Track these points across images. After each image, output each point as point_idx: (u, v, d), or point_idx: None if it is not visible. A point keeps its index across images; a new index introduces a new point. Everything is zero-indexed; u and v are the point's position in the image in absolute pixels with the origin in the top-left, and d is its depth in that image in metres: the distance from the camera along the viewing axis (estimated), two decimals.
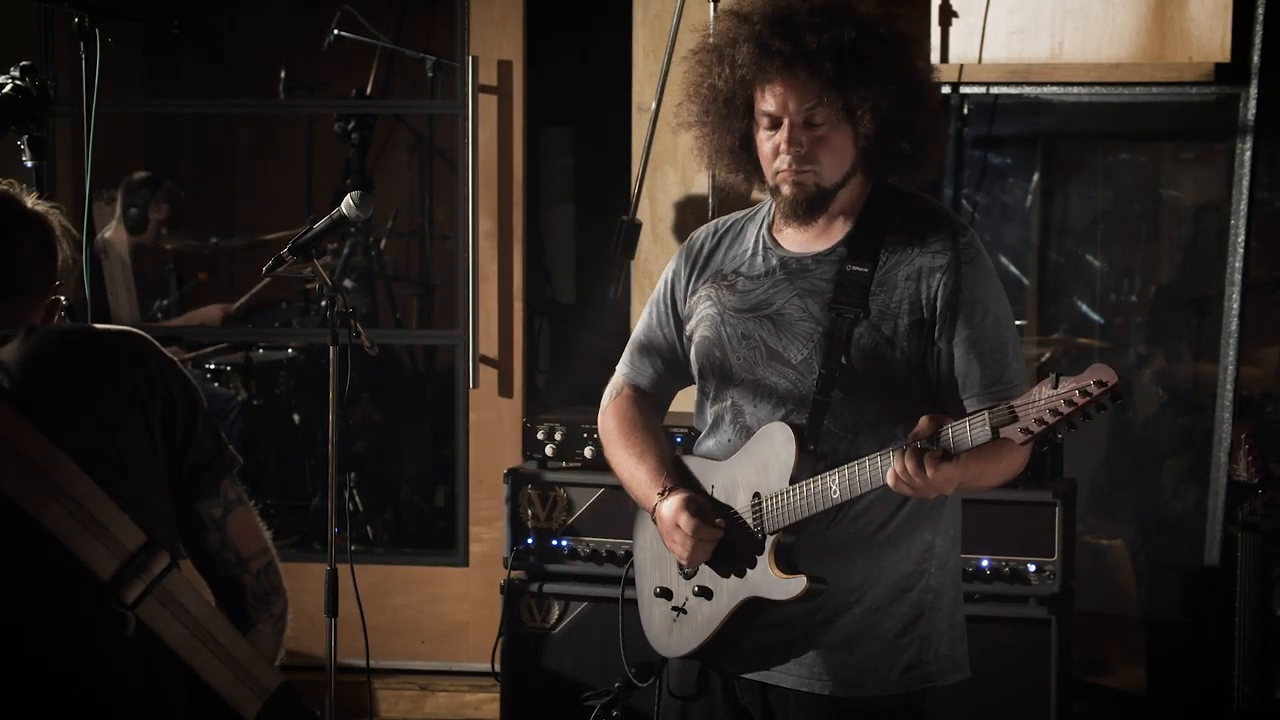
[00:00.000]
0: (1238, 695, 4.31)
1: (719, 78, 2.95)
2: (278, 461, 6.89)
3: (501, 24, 5.40)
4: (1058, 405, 2.58)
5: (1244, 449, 4.39)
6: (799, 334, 2.96)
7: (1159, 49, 5.06)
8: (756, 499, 2.94)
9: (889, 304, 2.92)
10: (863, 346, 2.91)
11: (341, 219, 3.78)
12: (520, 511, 4.60)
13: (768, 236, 3.06)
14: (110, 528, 2.39)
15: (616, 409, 3.20)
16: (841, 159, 2.94)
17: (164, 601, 2.42)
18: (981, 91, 5.32)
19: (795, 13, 2.88)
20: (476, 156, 5.41)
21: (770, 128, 2.93)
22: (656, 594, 3.12)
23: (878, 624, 2.96)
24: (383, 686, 5.40)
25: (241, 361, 6.79)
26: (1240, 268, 5.01)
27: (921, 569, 2.99)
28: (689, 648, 3.06)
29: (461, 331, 5.49)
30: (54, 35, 5.46)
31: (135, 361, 2.49)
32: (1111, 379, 2.56)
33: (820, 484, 2.85)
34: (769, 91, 2.91)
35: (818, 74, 2.86)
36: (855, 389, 2.92)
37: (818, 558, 2.93)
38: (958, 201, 5.68)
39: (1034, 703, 4.26)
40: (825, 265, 2.98)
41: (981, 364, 2.91)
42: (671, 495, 3.01)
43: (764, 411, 2.98)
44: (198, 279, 7.46)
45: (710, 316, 3.05)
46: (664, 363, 3.18)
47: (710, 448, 3.08)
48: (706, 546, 2.96)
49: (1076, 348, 6.07)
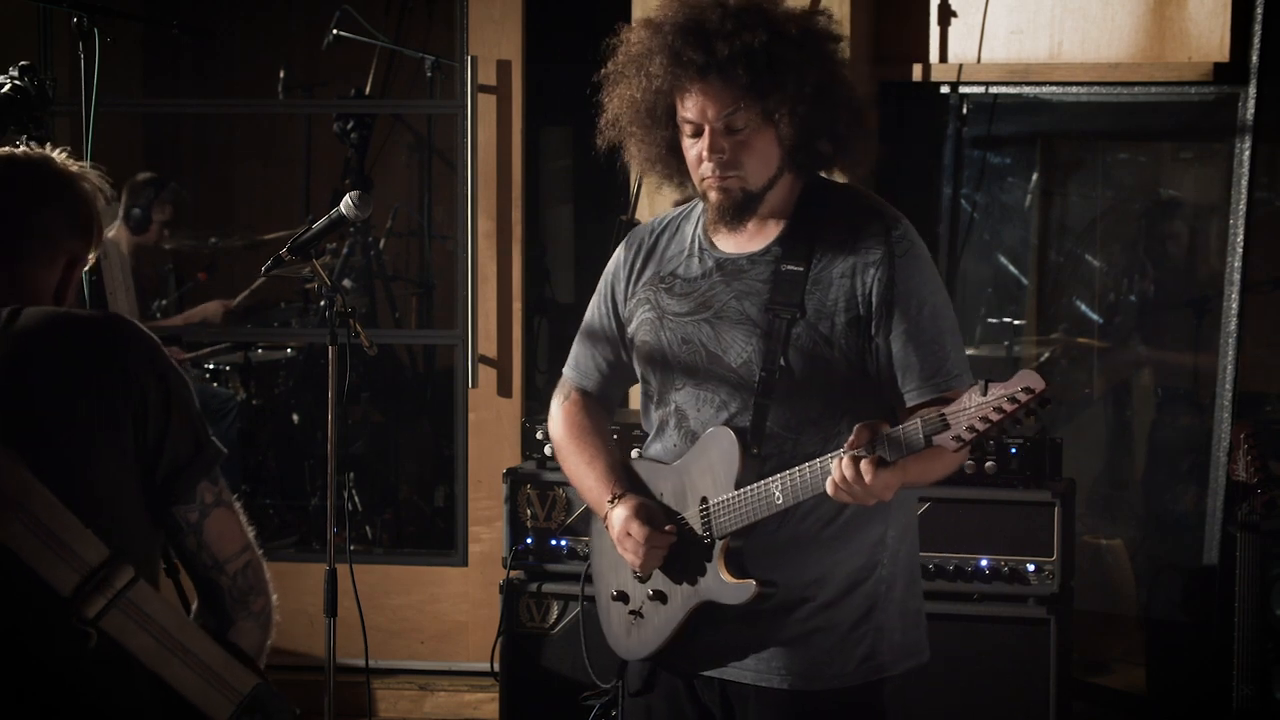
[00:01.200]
0: (1237, 695, 4.31)
1: (638, 89, 2.95)
2: (277, 461, 6.89)
3: (500, 24, 5.39)
4: (987, 413, 2.62)
5: (1243, 449, 4.39)
6: (738, 336, 2.98)
7: (1158, 49, 5.06)
8: (704, 504, 2.97)
9: (825, 302, 2.94)
10: (801, 346, 2.93)
11: (340, 219, 3.78)
12: (519, 511, 4.60)
13: (703, 237, 3.07)
14: (71, 544, 2.36)
15: (565, 414, 3.22)
16: (766, 161, 2.94)
17: (128, 613, 2.39)
18: (980, 91, 5.32)
19: (706, 20, 2.88)
20: (475, 156, 5.41)
21: (693, 135, 2.94)
22: (614, 597, 3.14)
23: (832, 617, 2.98)
24: (382, 686, 5.40)
25: (241, 361, 6.79)
26: (1239, 267, 5.01)
27: (874, 561, 3.01)
28: (648, 650, 3.09)
29: (461, 331, 5.49)
30: (53, 35, 5.46)
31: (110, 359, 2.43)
32: (1039, 385, 2.60)
33: (764, 489, 2.88)
34: (687, 100, 2.92)
35: (732, 81, 2.87)
36: (796, 389, 2.94)
37: (770, 557, 2.96)
38: (956, 201, 5.68)
39: (1033, 703, 4.26)
40: (760, 266, 2.99)
41: (920, 357, 2.92)
42: (622, 502, 3.03)
43: (707, 414, 3.00)
44: (197, 279, 7.45)
45: (649, 320, 3.07)
46: (609, 365, 3.20)
47: (657, 451, 3.11)
48: (658, 553, 2.99)
49: (1076, 347, 6.07)
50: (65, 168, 2.57)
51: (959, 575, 4.32)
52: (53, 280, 2.56)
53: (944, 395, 2.89)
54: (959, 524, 4.32)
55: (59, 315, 2.47)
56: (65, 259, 2.57)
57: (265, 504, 6.53)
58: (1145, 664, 5.17)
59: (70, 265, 2.58)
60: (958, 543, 4.33)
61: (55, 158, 2.58)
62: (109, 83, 4.20)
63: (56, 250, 2.55)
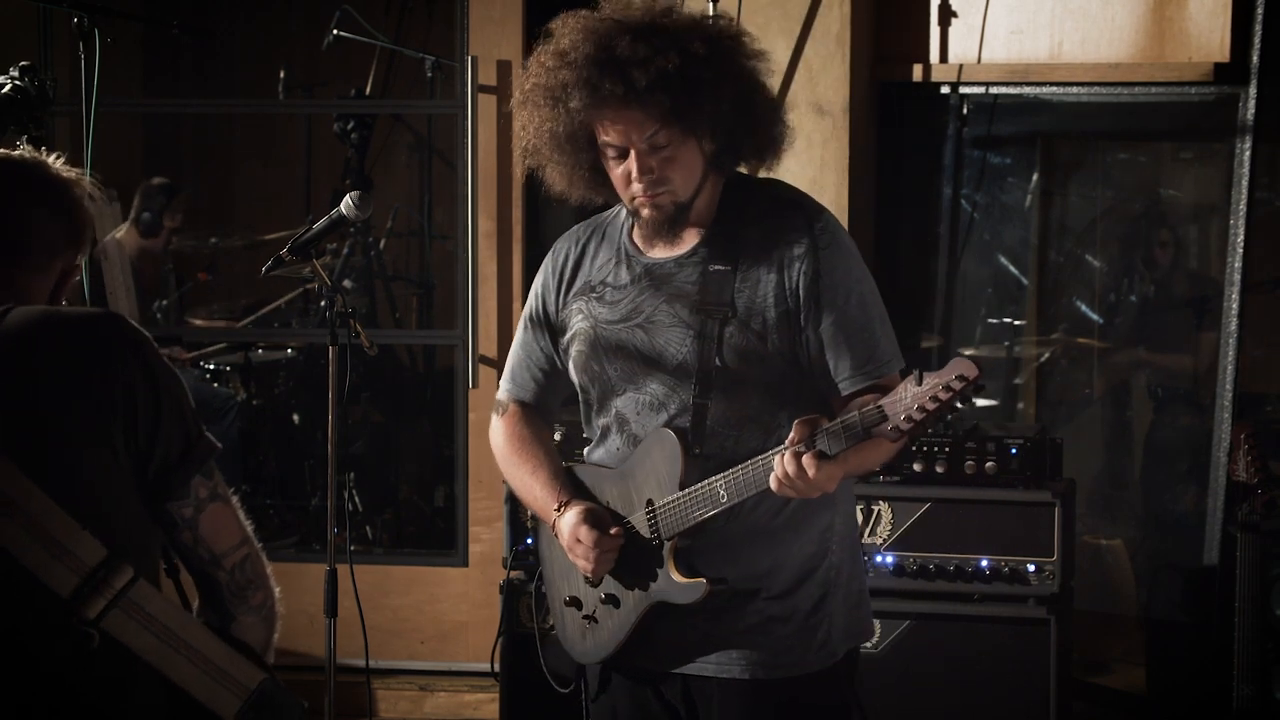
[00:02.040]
0: (1237, 695, 4.31)
1: (555, 120, 2.96)
2: (277, 461, 6.89)
3: (501, 24, 5.39)
4: (923, 402, 2.64)
5: (1243, 449, 4.39)
6: (671, 339, 3.00)
7: (1158, 49, 5.06)
8: (650, 506, 2.99)
9: (754, 300, 2.96)
10: (734, 345, 2.95)
11: (341, 219, 3.78)
12: (520, 512, 4.60)
13: (629, 244, 3.09)
14: (69, 545, 2.35)
15: (505, 427, 3.23)
16: (692, 172, 2.97)
17: (130, 613, 2.39)
18: (981, 91, 5.32)
19: (617, 48, 2.88)
20: (476, 156, 5.41)
21: (617, 157, 2.96)
22: (567, 603, 3.16)
23: (789, 606, 3.01)
24: (382, 686, 5.40)
25: (241, 362, 6.79)
26: (1240, 267, 5.01)
27: (824, 549, 3.04)
28: (604, 654, 3.11)
29: (461, 331, 5.49)
30: (53, 35, 5.46)
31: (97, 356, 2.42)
32: (972, 373, 2.62)
33: (709, 488, 2.90)
34: (609, 127, 2.93)
35: (652, 108, 2.88)
36: (732, 387, 2.96)
37: (722, 550, 2.98)
38: (956, 201, 5.68)
39: (1033, 703, 4.26)
40: (688, 268, 3.01)
41: (850, 346, 2.95)
42: (569, 509, 3.05)
43: (647, 418, 3.02)
44: (197, 279, 7.46)
45: (584, 330, 3.09)
46: (545, 375, 3.22)
47: (600, 456, 3.12)
48: (609, 557, 3.01)
49: (1076, 348, 6.07)
50: (60, 173, 2.56)
51: (959, 575, 4.32)
52: (47, 286, 2.55)
53: (877, 382, 2.93)
54: (959, 524, 4.32)
55: (48, 314, 2.46)
56: (60, 266, 2.56)
57: (265, 504, 6.53)
58: (1145, 664, 5.17)
59: (65, 273, 2.57)
60: (958, 543, 4.33)
61: (51, 163, 2.57)
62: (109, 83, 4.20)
63: (53, 257, 2.54)
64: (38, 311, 2.46)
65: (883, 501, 4.35)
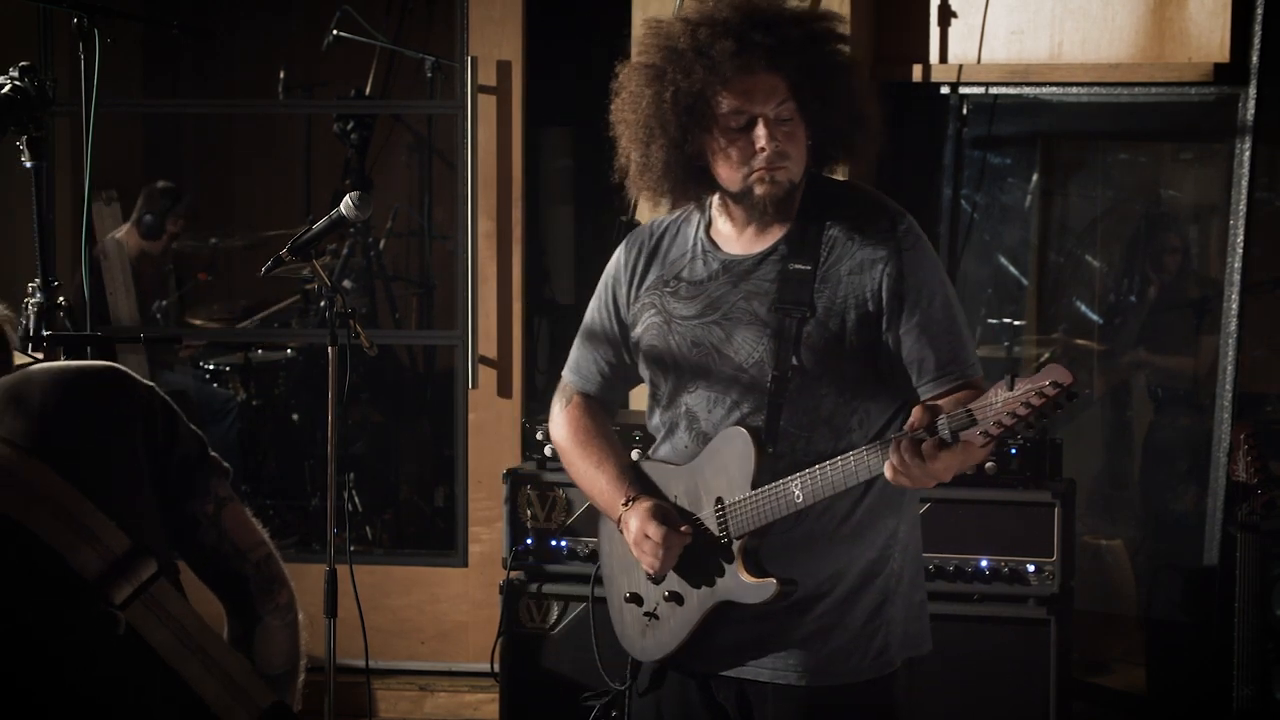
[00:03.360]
0: (1237, 696, 4.31)
1: (683, 85, 2.89)
2: (277, 462, 6.89)
3: (500, 24, 5.40)
4: (1015, 408, 2.61)
5: (1243, 449, 4.39)
6: (748, 337, 2.97)
7: (1158, 49, 5.06)
8: (720, 504, 2.97)
9: (834, 300, 2.94)
10: (812, 345, 2.93)
11: (341, 219, 3.78)
12: (519, 512, 4.60)
13: (705, 239, 3.07)
14: (97, 532, 2.38)
15: (569, 418, 3.21)
16: (801, 157, 2.96)
17: (150, 607, 2.41)
18: (980, 92, 5.32)
19: (759, 8, 2.90)
20: (475, 157, 5.41)
21: (741, 129, 2.91)
22: (627, 599, 3.14)
23: (847, 613, 2.99)
24: (382, 687, 5.40)
25: (240, 362, 6.79)
26: (1239, 268, 5.01)
27: (886, 555, 3.02)
28: (664, 651, 3.09)
29: (461, 332, 5.49)
30: (53, 35, 5.46)
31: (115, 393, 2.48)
32: (1066, 379, 2.59)
33: (784, 489, 2.87)
34: (742, 89, 2.88)
35: (798, 68, 2.88)
36: (807, 388, 2.94)
37: (786, 555, 2.96)
38: (956, 202, 5.68)
39: (1033, 703, 4.27)
40: (767, 265, 2.99)
41: (934, 348, 2.92)
42: (637, 504, 3.03)
43: (719, 416, 3.00)
44: (197, 279, 7.46)
45: (656, 325, 3.07)
46: (611, 367, 3.20)
47: (666, 453, 3.10)
48: (675, 554, 2.99)
49: (1075, 348, 6.07)
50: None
51: (959, 575, 4.32)
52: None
53: (960, 384, 2.90)
54: (959, 524, 4.32)
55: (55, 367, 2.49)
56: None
57: (265, 504, 6.53)
58: (1145, 664, 5.17)
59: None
60: (958, 543, 4.33)
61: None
62: (109, 83, 4.20)
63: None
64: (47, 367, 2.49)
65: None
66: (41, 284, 3.94)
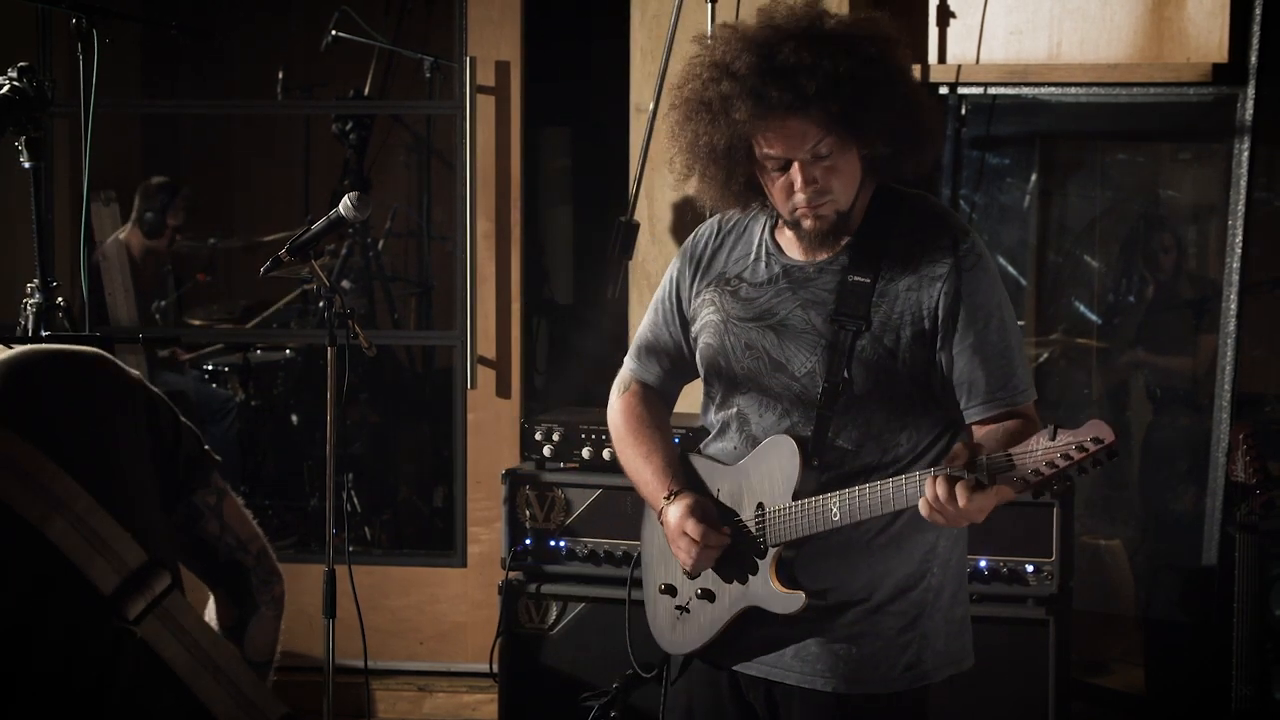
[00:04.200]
0: (1236, 696, 4.31)
1: (716, 134, 2.88)
2: (276, 462, 6.89)
3: (499, 24, 5.40)
4: (1054, 459, 2.61)
5: (1242, 449, 4.39)
6: (803, 345, 2.95)
7: (1157, 49, 5.06)
8: (760, 509, 2.96)
9: (891, 315, 2.91)
10: (865, 359, 2.91)
11: (339, 219, 3.78)
12: (518, 512, 4.60)
13: (770, 241, 3.04)
14: (112, 544, 2.38)
15: (625, 405, 3.20)
16: (852, 180, 2.92)
17: (164, 621, 2.41)
18: (979, 92, 5.32)
19: (778, 55, 2.81)
20: (474, 157, 5.41)
21: (779, 169, 2.89)
22: (661, 590, 3.14)
23: (880, 622, 2.97)
24: (381, 687, 5.40)
25: (239, 362, 6.79)
26: (1238, 268, 5.00)
27: (924, 569, 3.00)
28: (691, 647, 3.09)
29: (459, 332, 5.49)
30: (52, 36, 5.46)
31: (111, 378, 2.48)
32: (1109, 437, 2.59)
33: (822, 505, 2.87)
34: (771, 139, 2.86)
35: (821, 115, 2.82)
36: (858, 402, 2.92)
37: (822, 560, 2.95)
38: (956, 202, 5.69)
39: (1032, 703, 4.26)
40: (827, 275, 2.96)
41: (986, 371, 2.90)
42: (678, 499, 3.02)
43: (769, 421, 2.99)
44: (196, 280, 7.46)
45: (714, 323, 3.05)
46: (670, 360, 3.18)
47: (717, 450, 3.09)
48: (711, 553, 2.98)
49: (1074, 348, 6.07)
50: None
51: None
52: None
53: (1010, 410, 2.88)
54: None
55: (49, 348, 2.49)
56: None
57: (264, 505, 6.53)
58: (1144, 664, 5.17)
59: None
60: None
61: None
62: (108, 84, 4.20)
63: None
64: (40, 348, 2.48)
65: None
66: (40, 285, 3.94)
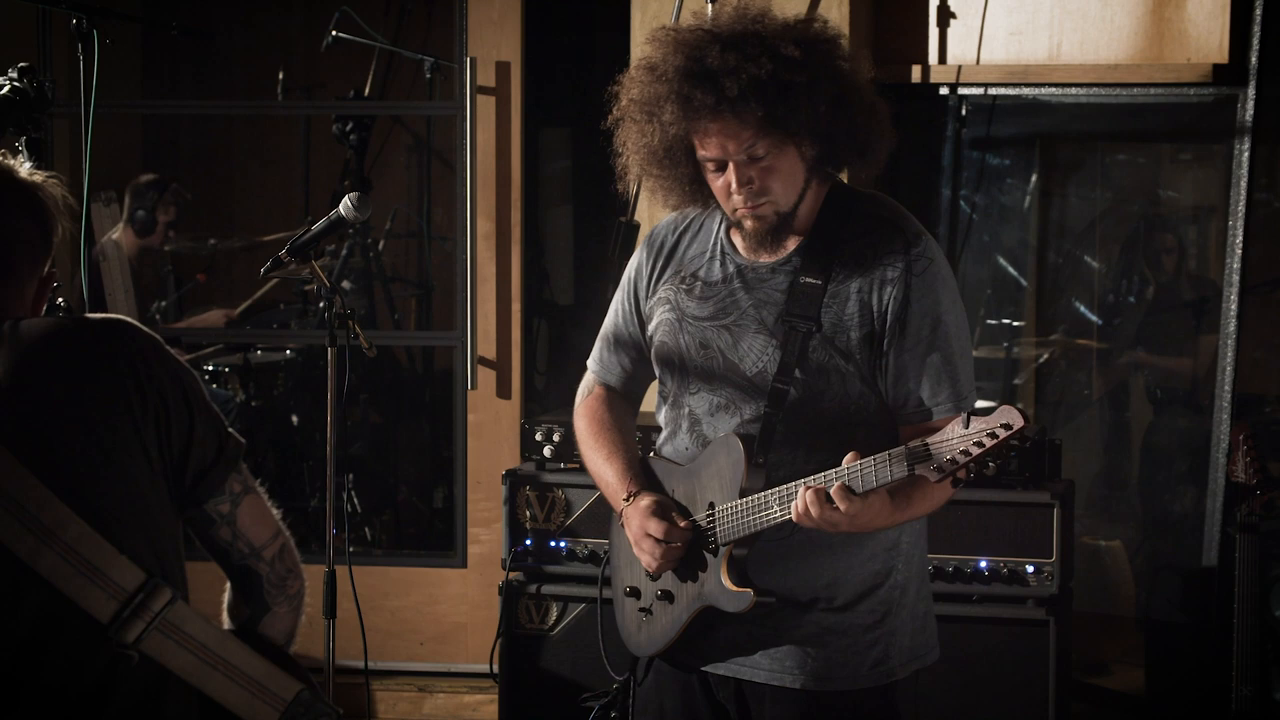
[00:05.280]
0: (1236, 696, 4.31)
1: (653, 135, 2.92)
2: (276, 463, 6.89)
3: (499, 25, 5.40)
4: (967, 446, 2.66)
5: (1242, 450, 4.39)
6: (755, 344, 2.98)
7: (1157, 50, 5.06)
8: (711, 509, 2.98)
9: (842, 317, 2.94)
10: (815, 360, 2.93)
11: (339, 220, 3.78)
12: (518, 513, 4.60)
13: (725, 240, 3.07)
14: (107, 571, 2.35)
15: (588, 409, 3.23)
16: (793, 180, 2.93)
17: (168, 633, 2.39)
18: (979, 92, 5.32)
19: (707, 59, 2.84)
20: (474, 158, 5.41)
21: (716, 170, 2.93)
22: (627, 593, 3.16)
23: (847, 620, 2.99)
24: (381, 688, 5.40)
25: (240, 363, 6.79)
26: (1238, 269, 5.01)
27: (889, 567, 3.02)
28: (655, 648, 3.11)
29: (460, 333, 5.49)
30: (52, 36, 5.46)
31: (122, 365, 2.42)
32: (1018, 422, 2.64)
33: (763, 501, 2.89)
34: (705, 139, 2.90)
35: (747, 117, 2.85)
36: (807, 401, 2.94)
37: (782, 561, 2.97)
38: (955, 202, 5.69)
39: (1032, 704, 4.26)
40: (780, 275, 2.99)
41: (928, 376, 2.93)
42: (638, 500, 3.04)
43: (719, 421, 3.01)
44: (196, 280, 7.45)
45: (669, 321, 3.07)
46: (632, 360, 3.21)
47: (670, 452, 3.11)
48: (673, 553, 3.00)
49: (1075, 349, 6.07)
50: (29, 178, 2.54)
51: (958, 576, 4.32)
52: (31, 296, 2.53)
53: (948, 417, 2.88)
54: (958, 525, 4.32)
55: (63, 323, 2.46)
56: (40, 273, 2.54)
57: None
58: (1144, 665, 5.17)
59: (44, 281, 2.55)
60: (957, 544, 4.32)
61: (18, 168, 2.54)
62: (108, 84, 4.20)
63: (35, 264, 2.52)
64: (50, 322, 2.45)
65: None
66: None
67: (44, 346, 2.41)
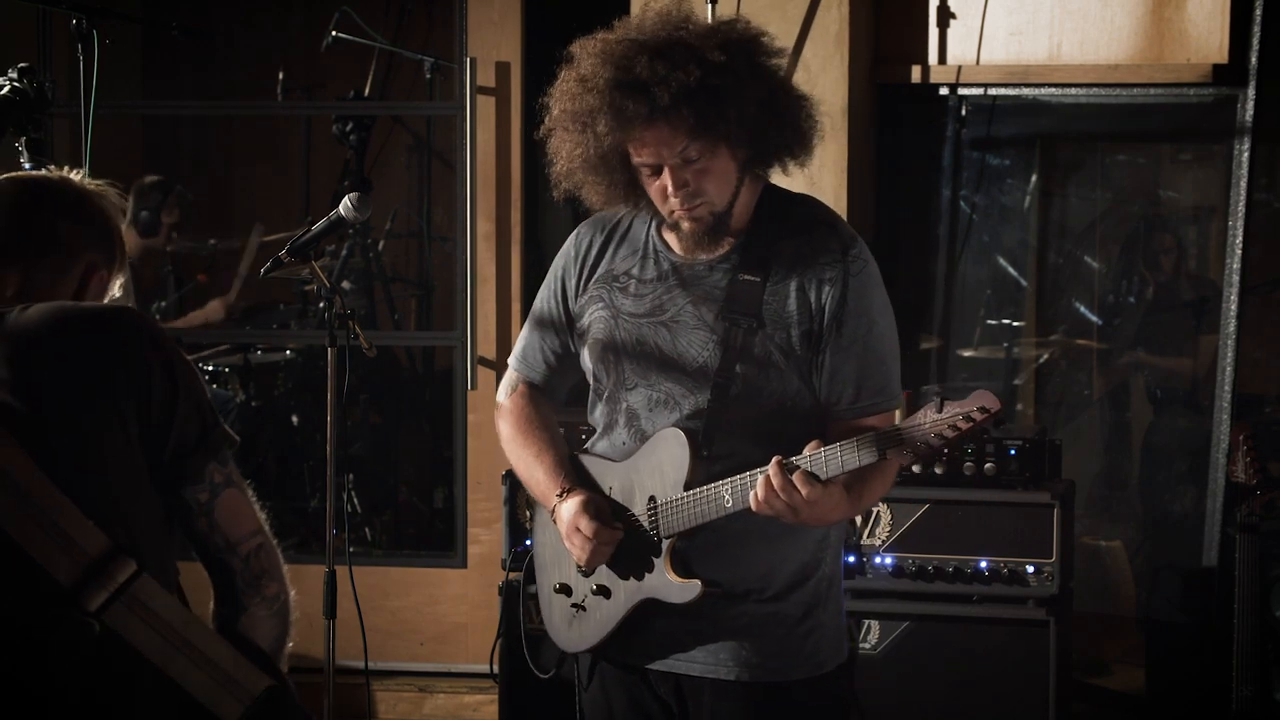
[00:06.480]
0: (1236, 696, 4.31)
1: (587, 145, 2.96)
2: (276, 463, 6.89)
3: (500, 25, 5.40)
4: (942, 430, 2.72)
5: (1242, 450, 4.39)
6: (694, 341, 3.01)
7: (1157, 50, 5.06)
8: (652, 503, 3.01)
9: (781, 314, 2.98)
10: (756, 355, 2.97)
11: (340, 220, 3.78)
12: (519, 513, 4.61)
13: (658, 239, 3.10)
14: (75, 536, 2.36)
15: (513, 406, 3.24)
16: (726, 180, 2.98)
17: (132, 608, 2.39)
18: (979, 93, 5.33)
19: (634, 68, 2.89)
20: (475, 158, 5.41)
21: (652, 174, 2.97)
22: (556, 590, 3.17)
23: (779, 611, 3.02)
24: (381, 688, 5.40)
25: (240, 363, 6.79)
26: (1238, 269, 5.01)
27: (818, 558, 3.06)
28: (589, 644, 3.13)
29: (460, 333, 5.49)
30: (52, 37, 5.46)
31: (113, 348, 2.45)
32: (994, 405, 2.72)
33: (714, 492, 2.92)
34: (639, 147, 2.94)
35: (679, 123, 2.89)
36: (749, 395, 2.98)
37: (718, 550, 3.00)
38: (955, 203, 5.69)
39: (1033, 704, 4.27)
40: (718, 273, 3.03)
41: (860, 375, 2.98)
42: (571, 496, 3.06)
43: (660, 416, 3.03)
44: (196, 280, 7.45)
45: (604, 319, 3.10)
46: (557, 357, 3.22)
47: (604, 448, 3.13)
48: (605, 549, 3.03)
49: (1075, 349, 6.07)
50: (85, 186, 2.63)
51: (959, 576, 4.32)
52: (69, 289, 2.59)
53: (876, 416, 2.98)
54: (959, 525, 4.32)
55: (63, 308, 2.49)
56: (82, 267, 2.60)
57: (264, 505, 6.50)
58: (1144, 665, 5.17)
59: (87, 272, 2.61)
60: (957, 544, 4.33)
61: (76, 178, 2.64)
62: (108, 84, 4.20)
63: (73, 261, 2.58)
64: (55, 306, 2.49)
65: (882, 502, 4.35)
66: None
67: (38, 328, 2.45)
